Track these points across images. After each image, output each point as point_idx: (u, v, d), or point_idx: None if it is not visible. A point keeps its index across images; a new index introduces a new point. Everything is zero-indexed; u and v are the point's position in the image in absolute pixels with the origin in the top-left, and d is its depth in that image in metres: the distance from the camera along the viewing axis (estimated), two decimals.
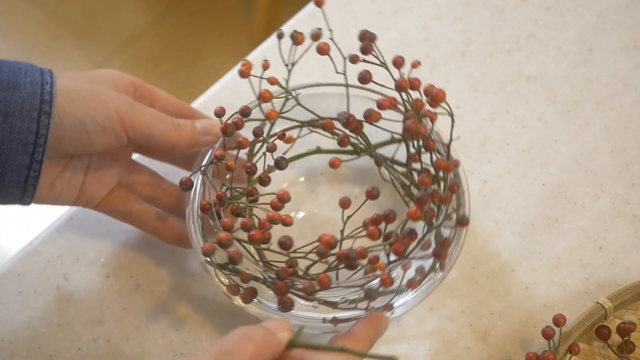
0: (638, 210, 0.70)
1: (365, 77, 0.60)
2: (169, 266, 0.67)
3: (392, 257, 0.58)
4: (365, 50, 0.60)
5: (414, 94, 0.61)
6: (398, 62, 0.61)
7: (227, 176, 0.63)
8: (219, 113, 0.60)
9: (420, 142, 0.61)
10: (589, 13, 0.80)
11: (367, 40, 0.60)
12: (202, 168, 0.61)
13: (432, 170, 0.60)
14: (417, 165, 0.64)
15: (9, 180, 0.56)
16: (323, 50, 0.61)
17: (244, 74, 0.61)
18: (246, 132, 0.62)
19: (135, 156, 0.66)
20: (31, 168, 0.56)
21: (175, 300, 0.66)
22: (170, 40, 1.75)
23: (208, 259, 0.59)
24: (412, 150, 0.63)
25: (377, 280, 0.58)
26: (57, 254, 0.67)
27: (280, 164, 0.62)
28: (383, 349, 0.64)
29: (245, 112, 0.61)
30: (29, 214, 1.50)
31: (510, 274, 0.67)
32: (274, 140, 0.63)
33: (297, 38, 0.61)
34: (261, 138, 0.61)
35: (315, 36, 0.61)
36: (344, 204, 0.60)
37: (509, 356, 0.64)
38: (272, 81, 0.61)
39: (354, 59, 0.61)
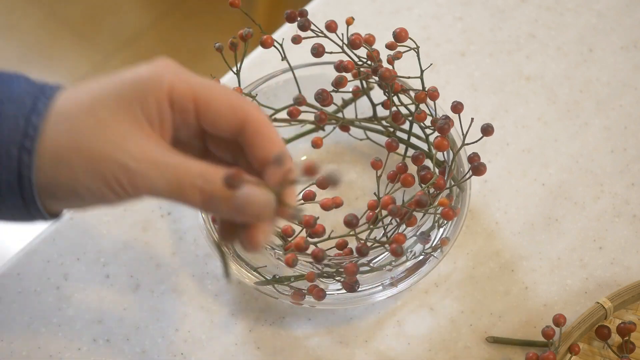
0: (638, 210, 0.70)
1: (318, 50, 0.61)
2: (169, 266, 0.67)
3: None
4: (304, 27, 0.61)
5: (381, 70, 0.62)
6: (331, 27, 0.63)
7: None
8: None
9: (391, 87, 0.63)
10: (589, 13, 0.80)
11: (301, 16, 0.62)
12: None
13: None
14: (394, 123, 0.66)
15: (16, 214, 0.47)
16: (267, 43, 0.63)
17: None
18: None
19: None
20: (29, 207, 0.47)
21: (175, 300, 0.66)
22: (170, 40, 1.75)
23: (262, 279, 0.62)
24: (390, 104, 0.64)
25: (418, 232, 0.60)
26: (57, 254, 0.67)
27: None
28: (383, 348, 0.64)
29: None
30: None
31: (510, 274, 0.67)
32: None
33: (237, 44, 0.62)
34: None
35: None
36: (376, 164, 0.63)
37: (508, 356, 0.64)
38: (237, 91, 0.63)
39: (297, 40, 0.62)
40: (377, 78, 0.62)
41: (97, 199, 0.46)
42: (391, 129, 0.65)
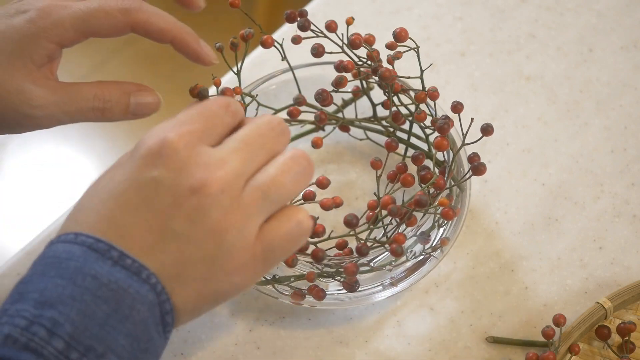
0: (638, 210, 0.70)
1: (318, 50, 0.62)
2: None
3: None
4: (304, 27, 0.61)
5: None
6: (331, 27, 0.63)
7: None
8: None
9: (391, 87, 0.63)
10: (589, 13, 0.80)
11: (301, 16, 0.62)
12: None
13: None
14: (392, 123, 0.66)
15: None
16: (267, 44, 0.63)
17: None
18: None
19: None
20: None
21: None
22: None
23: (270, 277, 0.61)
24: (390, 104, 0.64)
25: (418, 232, 0.60)
26: None
27: None
28: (383, 348, 0.64)
29: None
30: (28, 213, 1.50)
31: (510, 274, 0.67)
32: None
33: (237, 44, 0.62)
34: None
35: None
36: (376, 164, 0.63)
37: (508, 356, 0.64)
38: (237, 91, 0.62)
39: (297, 40, 0.62)
40: (377, 78, 0.62)
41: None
42: (391, 129, 0.65)
